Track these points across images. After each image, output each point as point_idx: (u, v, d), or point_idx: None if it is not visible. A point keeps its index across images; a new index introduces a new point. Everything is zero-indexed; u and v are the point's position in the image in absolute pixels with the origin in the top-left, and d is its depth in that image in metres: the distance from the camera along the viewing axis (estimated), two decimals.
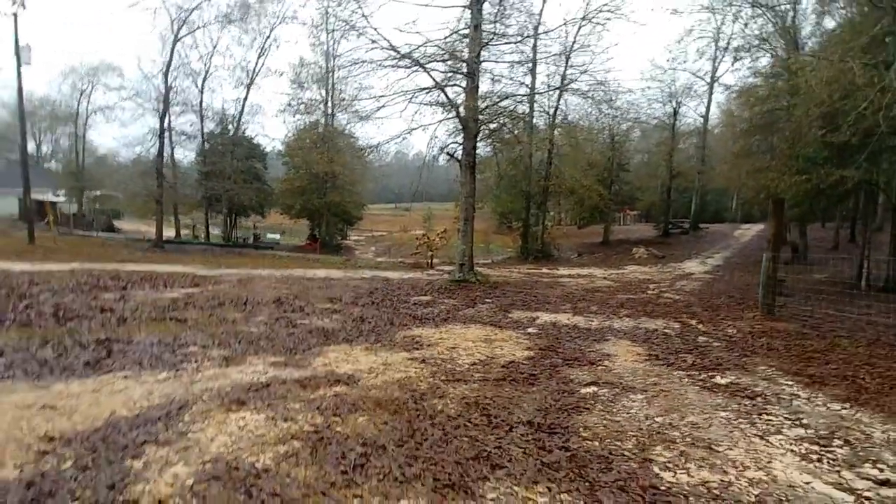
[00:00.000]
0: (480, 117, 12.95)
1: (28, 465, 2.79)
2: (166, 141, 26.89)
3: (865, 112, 9.10)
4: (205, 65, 29.33)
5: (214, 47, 29.44)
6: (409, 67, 12.23)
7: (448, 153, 13.14)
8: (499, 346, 6.24)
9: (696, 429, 3.58)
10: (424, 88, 12.64)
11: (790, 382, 4.97)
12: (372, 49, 12.13)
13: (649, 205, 40.02)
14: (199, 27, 27.17)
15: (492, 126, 13.79)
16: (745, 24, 24.28)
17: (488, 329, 7.32)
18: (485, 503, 2.46)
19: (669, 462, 3.01)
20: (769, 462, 3.09)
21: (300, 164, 31.68)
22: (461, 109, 12.59)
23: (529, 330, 7.43)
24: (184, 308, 7.72)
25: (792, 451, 3.29)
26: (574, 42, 28.54)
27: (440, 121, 13.15)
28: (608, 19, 27.48)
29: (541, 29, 26.48)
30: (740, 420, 3.83)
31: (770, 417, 3.90)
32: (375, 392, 4.12)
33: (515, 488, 2.61)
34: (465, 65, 12.57)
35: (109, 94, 29.65)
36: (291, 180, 33.11)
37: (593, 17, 28.34)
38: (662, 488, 2.69)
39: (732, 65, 32.24)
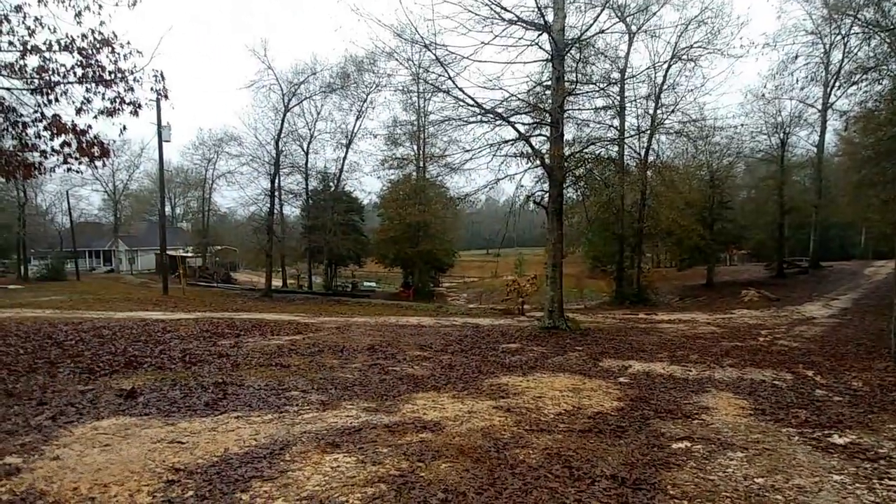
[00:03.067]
0: (566, 164, 13.04)
1: (158, 492, 3.23)
2: (276, 200, 29.64)
3: None
4: (310, 130, 32.39)
5: (318, 114, 32.52)
6: (494, 121, 12.72)
7: (534, 201, 13.29)
8: (587, 395, 6.10)
9: (802, 493, 3.30)
10: (509, 140, 13.04)
11: None
12: (458, 107, 12.81)
13: (758, 243, 36.99)
14: (306, 98, 30.19)
15: (577, 172, 13.80)
16: (857, 47, 22.55)
17: (577, 378, 7.18)
18: None
19: None
20: None
21: (394, 215, 33.41)
22: (546, 158, 12.77)
23: (621, 379, 7.18)
24: (287, 354, 8.39)
25: None
26: (664, 82, 28.07)
27: (526, 169, 13.43)
28: (699, 56, 26.95)
29: (628, 72, 26.52)
30: (857, 485, 3.46)
31: (892, 483, 3.49)
32: (459, 440, 4.24)
33: None
34: (548, 115, 12.84)
35: (231, 161, 33.55)
36: (386, 231, 34.89)
37: (683, 56, 27.92)
38: None
39: (847, 89, 29.79)
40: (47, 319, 11.78)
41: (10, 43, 8.20)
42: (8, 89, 8.79)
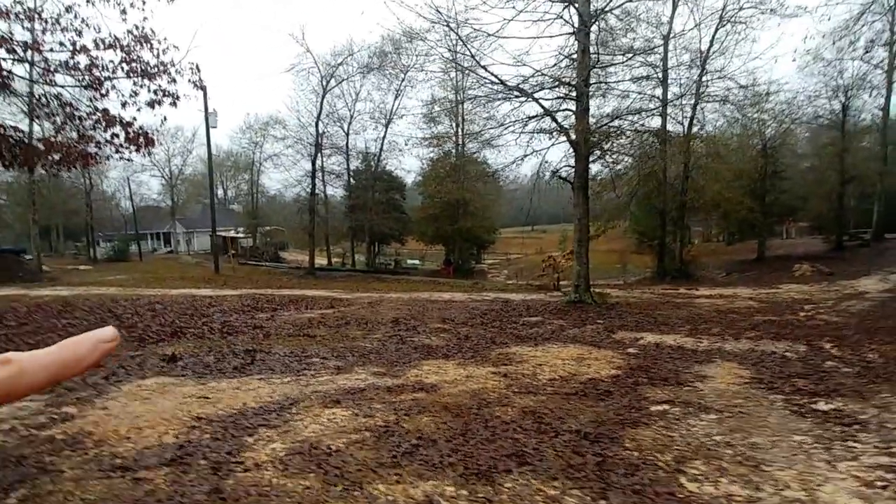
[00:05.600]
0: (592, 138, 12.98)
1: (181, 434, 3.82)
2: (318, 181, 30.63)
3: None
4: (349, 111, 33.06)
5: (357, 94, 33.08)
6: (519, 98, 12.80)
7: (559, 176, 13.33)
8: (588, 364, 6.37)
9: (754, 448, 3.51)
10: (534, 116, 13.09)
11: None
12: (483, 85, 12.99)
13: (817, 215, 35.07)
14: (344, 79, 30.78)
15: (605, 146, 13.68)
16: None
17: (585, 349, 7.42)
18: (500, 490, 2.84)
19: (702, 475, 3.07)
20: (819, 485, 2.98)
21: (433, 192, 33.81)
22: (571, 133, 12.76)
23: (629, 350, 7.36)
24: (316, 326, 9.03)
25: (857, 476, 3.10)
26: (710, 47, 26.78)
27: (551, 145, 13.45)
28: (751, 16, 25.49)
29: (671, 37, 25.45)
30: (815, 445, 3.62)
31: (854, 444, 3.62)
32: (448, 399, 4.64)
33: (533, 481, 2.94)
34: (573, 89, 12.78)
35: (276, 144, 34.82)
36: (426, 209, 35.40)
37: (732, 18, 26.51)
38: (680, 496, 2.81)
39: None
40: (110, 296, 12.99)
41: (61, 43, 9.03)
42: (62, 86, 9.68)
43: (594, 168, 16.28)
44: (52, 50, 9.48)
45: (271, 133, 35.10)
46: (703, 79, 26.64)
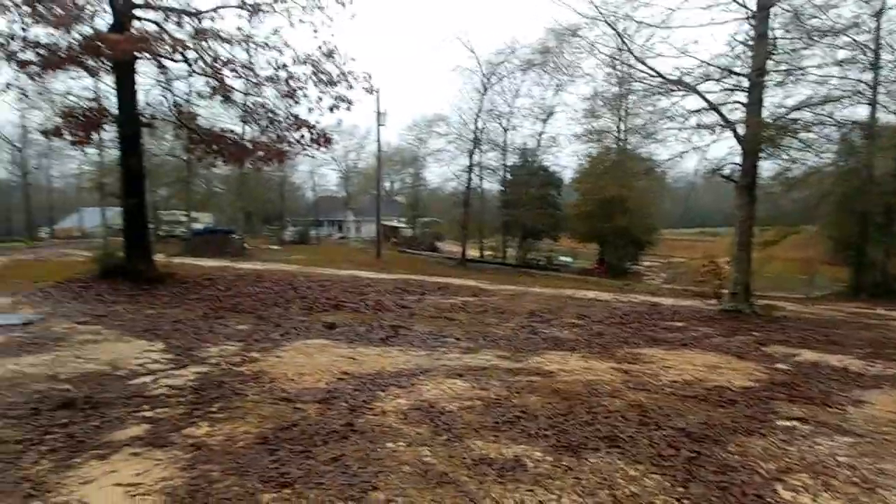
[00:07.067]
0: (765, 133, 11.78)
1: (331, 383, 4.71)
2: (474, 175, 31.92)
3: None
4: (508, 107, 33.75)
5: (517, 91, 33.64)
6: (678, 91, 12.15)
7: (722, 174, 12.34)
8: (721, 373, 6.05)
9: (879, 473, 3.21)
10: (696, 110, 12.29)
11: None
12: (642, 80, 12.62)
13: None
14: (504, 76, 31.55)
15: (781, 141, 12.24)
16: None
17: (725, 358, 6.99)
18: (583, 463, 3.10)
19: (801, 486, 2.96)
20: None
21: (588, 189, 33.06)
22: (738, 127, 11.74)
23: (777, 365, 6.75)
24: (456, 311, 9.78)
25: None
26: None
27: (714, 140, 12.48)
28: None
29: (884, 10, 21.43)
30: None
31: None
32: (561, 385, 4.91)
33: (618, 461, 3.14)
34: (745, 79, 11.72)
35: (438, 140, 37.03)
36: (580, 206, 34.71)
37: None
38: (768, 500, 2.78)
39: None
40: (291, 272, 15.42)
41: (268, 62, 11.04)
42: (266, 98, 11.77)
43: (769, 167, 14.72)
44: (261, 68, 11.56)
45: (434, 130, 37.41)
46: None
